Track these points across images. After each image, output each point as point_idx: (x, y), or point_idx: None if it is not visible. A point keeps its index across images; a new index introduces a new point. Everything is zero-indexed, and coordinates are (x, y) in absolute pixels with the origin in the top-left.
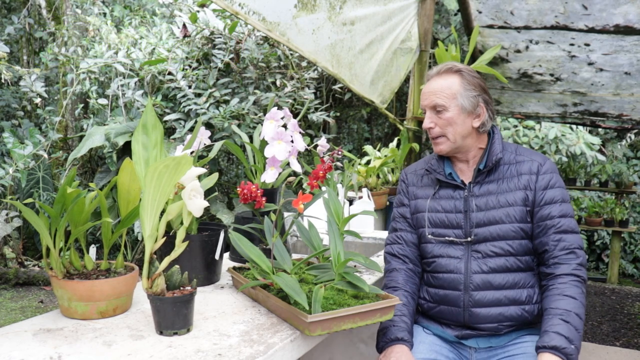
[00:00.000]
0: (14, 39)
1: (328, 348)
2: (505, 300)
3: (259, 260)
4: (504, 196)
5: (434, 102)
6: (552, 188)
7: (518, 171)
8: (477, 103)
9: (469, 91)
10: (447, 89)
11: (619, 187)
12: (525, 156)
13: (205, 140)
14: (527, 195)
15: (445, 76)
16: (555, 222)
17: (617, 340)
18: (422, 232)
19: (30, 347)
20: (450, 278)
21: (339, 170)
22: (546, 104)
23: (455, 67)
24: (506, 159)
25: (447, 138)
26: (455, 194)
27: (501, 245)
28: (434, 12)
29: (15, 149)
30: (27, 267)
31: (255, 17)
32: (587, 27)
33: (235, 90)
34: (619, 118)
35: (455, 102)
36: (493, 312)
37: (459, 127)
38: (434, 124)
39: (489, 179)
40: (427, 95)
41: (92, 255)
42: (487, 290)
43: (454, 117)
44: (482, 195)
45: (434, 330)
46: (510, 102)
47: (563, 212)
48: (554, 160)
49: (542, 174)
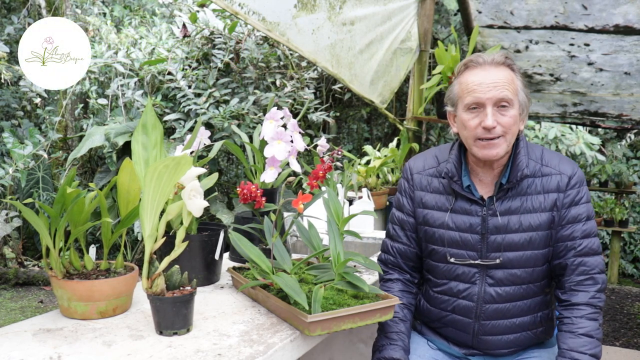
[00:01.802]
0: (14, 39)
1: (328, 348)
2: (518, 328)
3: (259, 260)
4: (527, 218)
5: (501, 95)
6: (577, 205)
7: (544, 187)
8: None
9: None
10: (511, 81)
11: (618, 187)
12: (553, 167)
13: (205, 140)
14: (554, 217)
15: (503, 67)
16: (577, 243)
17: (617, 340)
18: (437, 250)
19: (30, 347)
20: (461, 305)
21: (339, 170)
22: (546, 104)
23: (508, 62)
24: (531, 169)
25: (506, 140)
26: (472, 209)
27: (520, 273)
28: (433, 12)
29: (15, 149)
30: (26, 267)
31: (255, 17)
32: (587, 27)
33: (235, 90)
34: (618, 118)
35: (518, 98)
36: (504, 340)
37: (515, 128)
38: (496, 122)
39: (510, 194)
40: (487, 86)
41: (91, 255)
42: (500, 319)
43: (516, 115)
44: (503, 215)
45: (439, 345)
46: None
47: (586, 232)
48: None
49: (569, 189)
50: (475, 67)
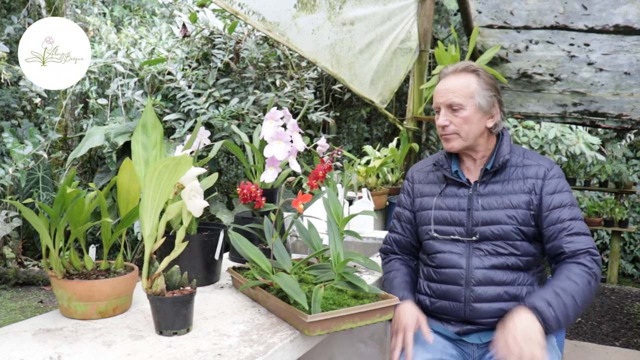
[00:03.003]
0: (13, 39)
1: (328, 348)
2: (505, 296)
3: (259, 260)
4: (508, 197)
5: (451, 101)
6: (560, 192)
7: (524, 174)
8: (493, 103)
9: (486, 91)
10: (464, 87)
11: (618, 187)
12: (533, 160)
13: (204, 140)
14: (532, 200)
15: (463, 75)
16: (566, 224)
17: (616, 340)
18: (426, 229)
19: (30, 347)
20: (452, 273)
21: (339, 170)
22: (546, 104)
23: (472, 67)
24: (513, 162)
25: (460, 136)
26: (460, 192)
27: (502, 244)
28: (433, 12)
29: (15, 149)
30: (26, 267)
31: (255, 17)
32: (587, 27)
33: (235, 90)
34: (618, 118)
35: (473, 101)
36: (494, 307)
37: (473, 126)
38: (449, 121)
39: (494, 179)
40: (443, 92)
41: (91, 255)
42: (489, 285)
43: (471, 116)
44: (487, 195)
45: (435, 327)
46: (510, 102)
47: (573, 216)
48: (554, 161)
49: (549, 178)
50: (442, 77)
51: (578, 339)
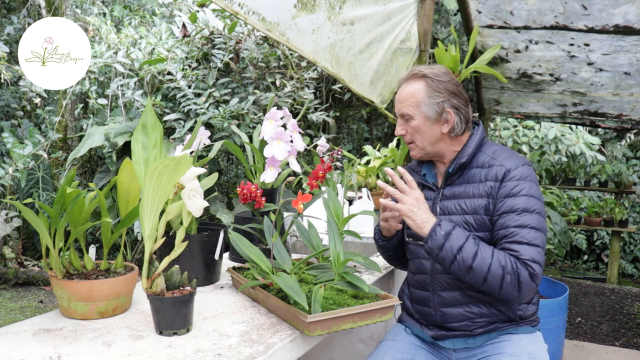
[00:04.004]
0: (13, 39)
1: (328, 348)
2: (470, 298)
3: (259, 260)
4: (466, 202)
5: (401, 111)
6: (513, 196)
7: (486, 177)
8: (443, 109)
9: (433, 98)
10: (411, 97)
11: (618, 187)
12: (498, 160)
13: (204, 140)
14: (488, 204)
15: (412, 82)
16: (508, 232)
17: (616, 340)
18: (404, 232)
19: (30, 347)
20: (421, 279)
21: (339, 170)
22: (546, 104)
23: (421, 73)
24: (480, 162)
25: (416, 145)
26: (429, 195)
27: None
28: (433, 12)
29: (15, 148)
30: (26, 267)
31: (254, 17)
32: (587, 27)
33: (235, 90)
34: (618, 118)
35: (420, 110)
36: (460, 311)
37: (426, 135)
38: (405, 131)
39: (457, 181)
40: (396, 102)
41: (91, 255)
42: (453, 290)
43: (420, 125)
44: (448, 199)
45: (414, 330)
46: (509, 102)
47: (520, 223)
48: (554, 160)
49: (507, 180)
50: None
51: (578, 339)
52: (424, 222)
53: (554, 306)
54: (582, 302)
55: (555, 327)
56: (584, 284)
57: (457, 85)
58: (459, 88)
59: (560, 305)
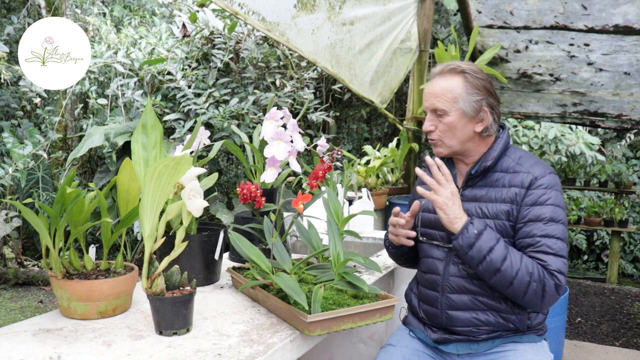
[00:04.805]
0: (13, 39)
1: (328, 348)
2: (480, 305)
3: (259, 260)
4: (487, 206)
5: (434, 106)
6: (540, 205)
7: (510, 182)
8: (480, 107)
9: (472, 95)
10: (448, 92)
11: (618, 187)
12: (524, 167)
13: (204, 140)
14: (512, 210)
15: (448, 77)
16: (534, 240)
17: (616, 340)
18: (416, 230)
19: (30, 347)
20: (431, 279)
21: (339, 170)
22: (546, 104)
23: (459, 68)
24: (504, 166)
25: (444, 142)
26: None
27: None
28: (433, 12)
29: (15, 148)
30: (26, 267)
31: (254, 17)
32: (587, 27)
33: (235, 90)
34: (618, 118)
35: (457, 106)
36: (467, 316)
37: (458, 132)
38: (434, 127)
39: (479, 184)
40: (427, 97)
41: (91, 255)
42: (463, 294)
43: (455, 121)
44: (468, 201)
45: (418, 334)
46: (509, 102)
47: (547, 232)
48: (554, 161)
49: (533, 188)
50: (430, 78)
51: (578, 339)
52: (456, 217)
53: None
54: (582, 302)
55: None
56: (584, 284)
57: (492, 84)
58: (493, 87)
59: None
